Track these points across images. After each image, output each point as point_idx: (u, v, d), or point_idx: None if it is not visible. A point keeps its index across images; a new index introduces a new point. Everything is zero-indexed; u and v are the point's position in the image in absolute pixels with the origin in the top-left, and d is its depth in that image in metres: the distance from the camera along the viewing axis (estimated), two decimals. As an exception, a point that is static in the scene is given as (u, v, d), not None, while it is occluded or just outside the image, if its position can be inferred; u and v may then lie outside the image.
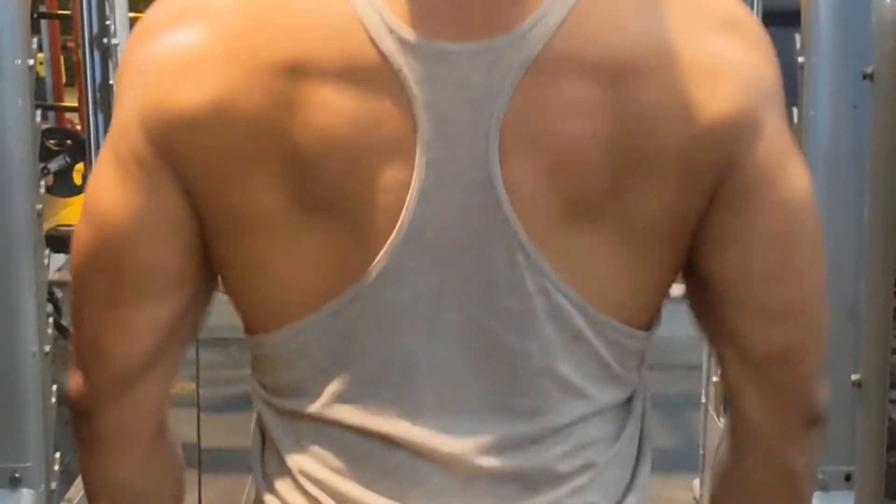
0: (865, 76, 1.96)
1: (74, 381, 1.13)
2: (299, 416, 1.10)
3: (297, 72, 0.99)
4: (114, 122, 1.08)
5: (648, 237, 1.05)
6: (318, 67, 0.99)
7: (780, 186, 1.06)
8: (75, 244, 1.10)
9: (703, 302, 1.12)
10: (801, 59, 2.38)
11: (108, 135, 1.08)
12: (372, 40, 0.99)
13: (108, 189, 1.06)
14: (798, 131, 2.41)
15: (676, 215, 1.05)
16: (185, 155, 1.03)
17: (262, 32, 1.01)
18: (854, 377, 2.03)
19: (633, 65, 1.00)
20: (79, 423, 1.14)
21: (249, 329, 1.11)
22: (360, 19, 0.99)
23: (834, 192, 2.41)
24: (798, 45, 2.40)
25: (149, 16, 1.07)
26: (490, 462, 1.07)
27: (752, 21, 1.09)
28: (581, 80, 1.00)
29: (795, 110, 2.40)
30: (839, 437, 2.39)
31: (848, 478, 2.34)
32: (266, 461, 1.14)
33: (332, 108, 0.99)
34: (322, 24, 1.00)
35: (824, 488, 2.39)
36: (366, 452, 1.08)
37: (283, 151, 1.01)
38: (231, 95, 1.01)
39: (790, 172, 1.07)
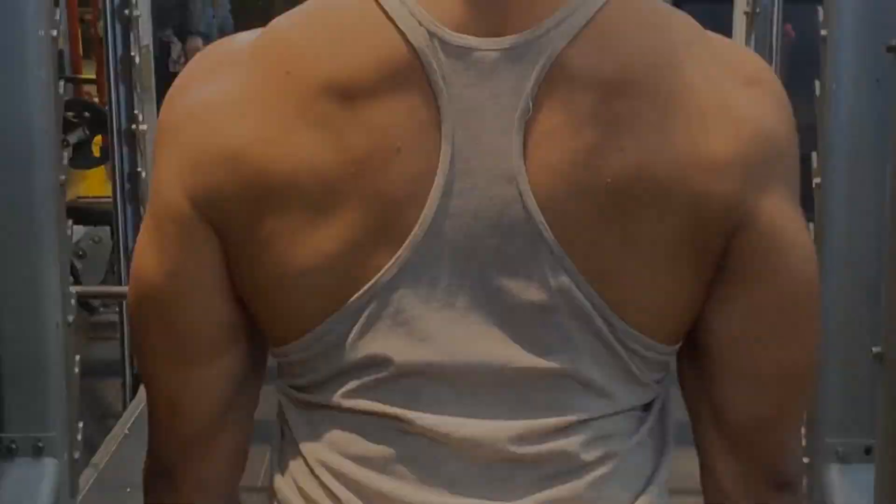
0: (889, 49, 1.96)
1: (155, 438, 1.13)
2: (319, 406, 1.10)
3: (331, 92, 0.99)
4: (151, 184, 1.09)
5: (661, 258, 1.04)
6: (355, 81, 0.99)
7: (788, 253, 1.05)
8: (130, 310, 1.12)
9: (687, 355, 1.11)
10: (823, 33, 2.37)
11: (148, 198, 1.10)
12: (402, 34, 0.99)
13: (149, 252, 1.07)
14: (820, 105, 2.40)
15: (689, 247, 1.04)
16: (221, 200, 1.03)
17: (294, 61, 1.01)
18: (875, 350, 2.03)
19: (643, 90, 1.00)
20: (157, 479, 1.14)
21: (273, 342, 1.11)
22: (390, 15, 0.99)
23: (856, 167, 2.40)
24: (821, 17, 2.39)
25: (180, 76, 1.09)
26: (508, 448, 1.06)
27: (776, 83, 1.08)
28: (591, 90, 1.00)
29: (818, 84, 2.39)
30: (860, 411, 2.40)
31: (868, 451, 2.35)
32: (283, 451, 1.14)
33: (371, 120, 0.99)
34: (354, 33, 1.00)
35: (845, 461, 2.39)
36: (384, 439, 1.07)
37: (322, 172, 1.01)
38: (265, 136, 1.01)
39: (799, 239, 1.06)
